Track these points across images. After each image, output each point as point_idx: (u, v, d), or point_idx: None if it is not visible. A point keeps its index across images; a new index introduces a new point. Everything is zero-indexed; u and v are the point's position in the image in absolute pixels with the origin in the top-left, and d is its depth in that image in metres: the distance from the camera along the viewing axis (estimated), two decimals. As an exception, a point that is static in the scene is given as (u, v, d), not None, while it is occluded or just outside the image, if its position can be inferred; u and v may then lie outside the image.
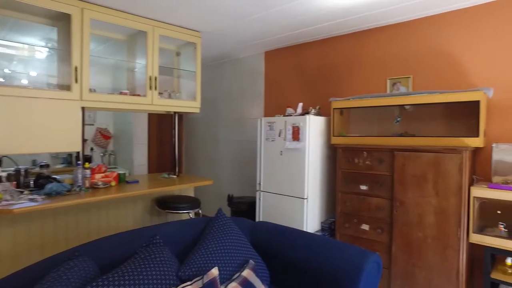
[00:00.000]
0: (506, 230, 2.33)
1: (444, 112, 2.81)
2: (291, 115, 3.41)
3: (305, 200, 3.16)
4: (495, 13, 2.67)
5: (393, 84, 3.21)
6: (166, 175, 3.52)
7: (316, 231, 3.26)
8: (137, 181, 3.09)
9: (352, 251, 1.91)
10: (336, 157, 3.11)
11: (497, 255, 2.42)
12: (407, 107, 2.91)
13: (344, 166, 3.04)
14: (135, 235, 1.84)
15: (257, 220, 3.59)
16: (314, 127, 3.21)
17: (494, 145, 2.44)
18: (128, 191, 2.67)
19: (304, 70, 4.01)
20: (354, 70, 3.53)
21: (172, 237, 1.95)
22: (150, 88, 3.16)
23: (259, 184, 3.57)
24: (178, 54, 3.85)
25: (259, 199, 3.58)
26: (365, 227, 2.88)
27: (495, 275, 2.37)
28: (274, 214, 3.42)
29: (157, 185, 2.98)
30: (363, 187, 2.89)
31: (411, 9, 2.88)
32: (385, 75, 3.28)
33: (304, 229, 3.14)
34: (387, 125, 3.10)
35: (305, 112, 3.38)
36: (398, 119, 2.98)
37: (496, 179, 2.43)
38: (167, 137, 5.32)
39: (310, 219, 3.21)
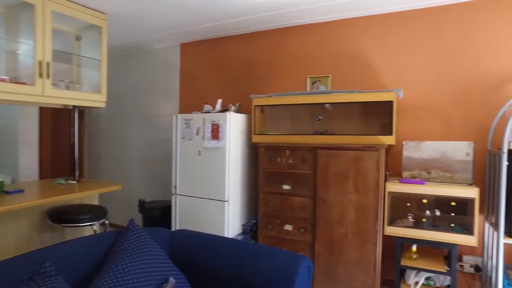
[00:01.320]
0: (413, 220, 2.50)
1: (361, 111, 2.92)
2: (209, 112, 3.18)
3: (226, 202, 2.97)
4: (406, 22, 2.88)
5: (313, 83, 3.24)
6: (62, 181, 2.95)
7: (238, 235, 3.11)
8: (21, 190, 2.50)
9: (282, 256, 1.79)
10: (258, 156, 2.99)
11: (405, 243, 2.59)
12: (327, 105, 2.95)
13: (266, 165, 2.95)
14: (15, 264, 1.41)
15: (173, 226, 3.27)
16: (234, 124, 3.04)
17: (404, 142, 2.61)
18: (8, 204, 2.11)
19: (223, 65, 3.82)
20: (275, 67, 3.48)
21: (69, 260, 1.56)
22: (41, 75, 2.59)
23: (175, 187, 3.26)
24: (78, 38, 3.28)
25: (175, 203, 3.27)
26: (289, 227, 2.82)
27: (403, 262, 2.53)
28: (192, 219, 3.15)
29: (51, 193, 2.45)
30: (286, 187, 2.83)
31: (329, 10, 2.94)
32: (305, 73, 3.29)
33: (225, 233, 2.96)
34: (308, 123, 3.11)
35: (224, 109, 3.19)
36: (320, 117, 3.01)
37: (405, 174, 2.60)
38: (65, 136, 4.57)
39: (232, 222, 3.04)
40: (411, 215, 2.51)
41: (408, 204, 2.53)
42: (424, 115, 2.82)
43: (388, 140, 2.53)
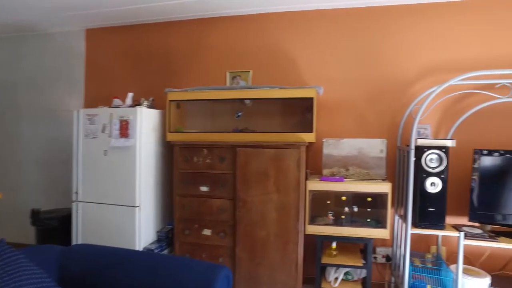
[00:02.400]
0: (333, 218, 2.50)
1: (282, 108, 2.85)
2: (118, 107, 2.81)
3: (137, 208, 2.64)
4: (328, 20, 2.90)
5: (233, 78, 3.08)
6: None
7: (152, 243, 2.79)
8: None
9: (199, 268, 1.58)
10: (173, 155, 2.72)
11: (326, 241, 2.59)
12: (247, 101, 2.81)
13: (182, 166, 2.69)
14: None
15: (74, 239, 2.81)
16: (147, 121, 2.72)
17: (324, 140, 2.59)
18: None
19: (137, 55, 3.43)
20: (193, 60, 3.23)
21: None
22: None
23: (76, 193, 2.81)
24: None
25: (77, 212, 2.81)
26: (207, 232, 2.62)
27: (324, 259, 2.52)
28: (98, 229, 2.74)
29: None
30: (204, 188, 2.62)
31: (252, 2, 2.80)
32: (225, 68, 3.11)
33: (137, 243, 2.63)
34: (227, 120, 2.94)
35: (136, 104, 2.85)
36: (239, 113, 2.86)
37: (325, 171, 2.59)
38: None
39: (144, 230, 2.72)
40: (331, 213, 2.50)
41: (328, 202, 2.53)
42: (342, 113, 2.87)
43: (309, 137, 2.49)
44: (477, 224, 2.44)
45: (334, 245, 2.58)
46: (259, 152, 2.50)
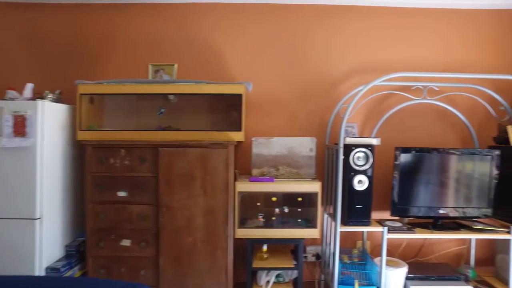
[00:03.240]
0: (264, 220, 2.40)
1: (209, 105, 2.67)
2: (13, 100, 2.35)
3: (38, 220, 2.23)
4: (259, 15, 2.80)
5: (156, 71, 2.80)
6: None
7: (58, 261, 2.39)
8: None
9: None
10: (85, 157, 2.37)
11: (256, 244, 2.48)
12: (171, 97, 2.57)
13: (95, 169, 2.35)
14: None
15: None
16: (51, 117, 2.33)
17: (253, 139, 2.48)
18: None
19: (42, 40, 2.93)
20: (110, 50, 2.87)
21: None
22: None
23: (-44, 205, 2.28)
24: None
25: (-43, 228, 2.28)
26: (126, 242, 2.32)
27: (255, 263, 2.42)
28: (-14, 248, 2.26)
29: None
30: (122, 194, 2.32)
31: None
32: (147, 60, 2.82)
33: (37, 263, 2.21)
34: (149, 117, 2.66)
35: (38, 97, 2.41)
36: (162, 110, 2.60)
37: (255, 171, 2.48)
38: None
39: (48, 246, 2.31)
40: (261, 215, 2.40)
41: (258, 203, 2.42)
42: (272, 111, 2.79)
43: (237, 136, 2.35)
44: (397, 218, 2.56)
45: (265, 248, 2.49)
46: (184, 152, 2.29)
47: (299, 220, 2.39)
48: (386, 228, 2.29)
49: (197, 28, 2.80)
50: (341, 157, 2.27)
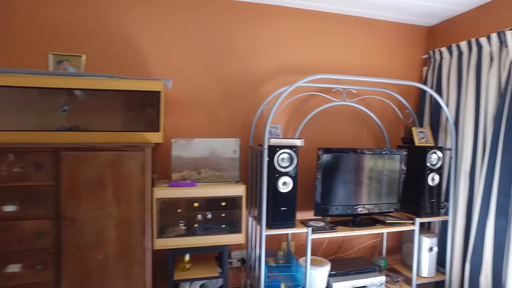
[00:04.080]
0: (185, 227, 2.24)
1: (122, 103, 2.38)
2: None
3: None
4: (179, 7, 2.56)
5: (59, 62, 2.42)
6: None
7: None
8: None
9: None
10: (-39, 164, 1.91)
11: (178, 254, 2.30)
12: (78, 93, 2.24)
13: (-25, 179, 1.91)
14: None
15: None
16: None
17: (173, 140, 2.29)
18: None
19: None
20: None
21: None
22: None
23: None
24: None
25: None
26: (15, 268, 1.92)
27: (177, 275, 2.24)
28: None
29: None
30: (10, 208, 1.91)
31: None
32: (46, 48, 2.42)
33: None
34: (50, 116, 2.27)
35: None
36: (65, 107, 2.24)
37: (175, 175, 2.30)
38: None
39: None
40: (182, 222, 2.23)
41: (179, 210, 2.24)
42: (194, 110, 2.63)
43: (155, 137, 2.14)
44: (320, 217, 2.61)
45: (187, 257, 2.32)
46: (93, 156, 2.00)
47: (223, 226, 2.28)
48: (310, 228, 2.31)
49: (110, 16, 2.49)
50: (266, 158, 2.22)
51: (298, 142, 2.32)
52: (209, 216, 2.23)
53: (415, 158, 2.68)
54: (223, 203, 2.26)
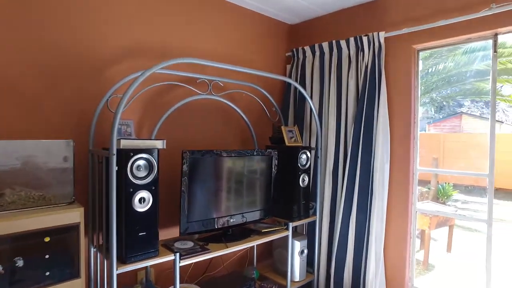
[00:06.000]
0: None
1: None
2: None
3: None
4: None
5: None
6: None
7: None
8: None
9: None
10: None
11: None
12: None
13: None
14: None
15: None
16: None
17: None
18: None
19: None
20: None
21: None
22: None
23: None
24: None
25: None
26: None
27: None
28: None
29: None
30: None
31: None
32: None
33: None
34: None
35: None
36: None
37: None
38: None
39: None
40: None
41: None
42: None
43: None
44: (187, 236, 2.13)
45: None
46: None
47: (48, 274, 1.50)
48: (178, 254, 1.81)
49: None
50: (114, 167, 1.59)
51: (159, 144, 1.78)
52: (20, 263, 1.42)
53: (286, 159, 2.53)
54: (47, 239, 1.49)
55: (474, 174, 4.89)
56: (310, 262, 2.71)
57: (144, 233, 1.68)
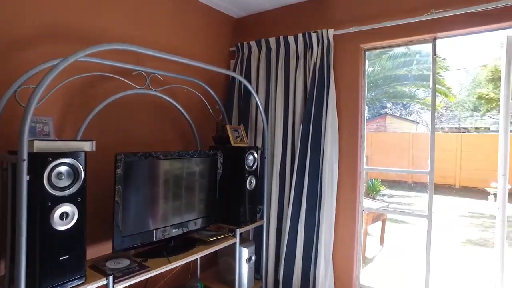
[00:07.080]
0: None
1: None
2: None
3: None
4: None
5: None
6: None
7: None
8: None
9: None
10: None
11: None
12: None
13: None
14: None
15: None
16: None
17: None
18: None
19: None
20: None
21: None
22: None
23: None
24: None
25: None
26: None
27: None
28: None
29: None
30: None
31: None
32: None
33: None
34: None
35: None
36: None
37: None
38: None
39: None
40: None
41: None
42: None
43: None
44: (121, 253, 1.83)
45: None
46: None
47: None
48: (111, 277, 1.51)
49: None
50: (25, 176, 1.26)
51: (87, 146, 1.48)
52: None
53: (232, 161, 2.35)
54: None
55: (416, 172, 5.25)
56: (257, 268, 2.57)
57: (67, 256, 1.36)
